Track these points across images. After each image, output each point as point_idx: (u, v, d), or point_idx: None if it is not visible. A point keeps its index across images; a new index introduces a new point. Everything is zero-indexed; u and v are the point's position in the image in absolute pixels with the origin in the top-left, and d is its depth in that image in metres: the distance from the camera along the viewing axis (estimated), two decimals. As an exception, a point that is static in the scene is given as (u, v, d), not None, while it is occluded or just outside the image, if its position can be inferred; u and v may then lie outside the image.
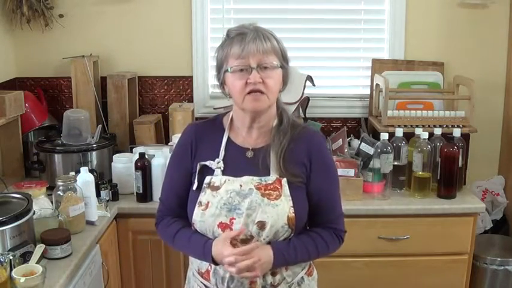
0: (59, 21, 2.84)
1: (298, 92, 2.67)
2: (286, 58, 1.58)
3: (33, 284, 1.56)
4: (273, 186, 1.51)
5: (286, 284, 1.58)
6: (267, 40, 1.51)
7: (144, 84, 2.99)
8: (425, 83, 2.87)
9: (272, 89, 1.51)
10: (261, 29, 1.54)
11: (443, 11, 2.93)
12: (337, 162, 2.38)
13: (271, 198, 1.50)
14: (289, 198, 1.51)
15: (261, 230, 1.49)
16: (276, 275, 1.55)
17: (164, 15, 2.90)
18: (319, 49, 3.02)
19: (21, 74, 2.93)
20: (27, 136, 2.72)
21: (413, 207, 2.36)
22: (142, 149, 2.49)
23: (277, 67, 1.53)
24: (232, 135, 1.61)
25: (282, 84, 1.58)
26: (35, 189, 2.19)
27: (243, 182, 1.53)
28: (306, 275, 1.64)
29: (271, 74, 1.50)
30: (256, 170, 1.54)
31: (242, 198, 1.51)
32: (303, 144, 1.57)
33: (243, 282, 1.52)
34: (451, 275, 2.42)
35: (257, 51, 1.48)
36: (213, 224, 1.51)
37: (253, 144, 1.59)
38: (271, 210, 1.49)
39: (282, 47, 1.57)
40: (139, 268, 2.41)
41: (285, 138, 1.55)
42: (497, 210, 2.87)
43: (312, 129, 1.66)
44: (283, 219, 1.49)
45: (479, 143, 2.86)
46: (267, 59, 1.50)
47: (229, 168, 1.56)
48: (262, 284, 1.53)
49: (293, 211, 1.51)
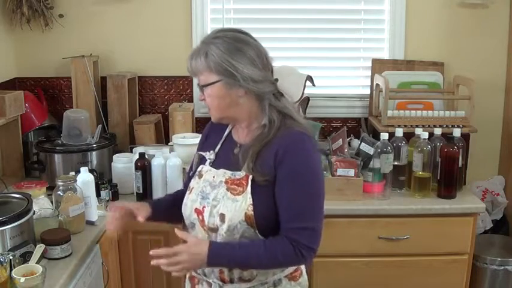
0: (58, 21, 2.84)
1: (298, 92, 2.67)
2: (224, 69, 1.49)
3: (33, 284, 1.56)
4: (239, 182, 1.53)
5: (259, 282, 1.58)
6: (196, 58, 1.52)
7: (144, 84, 2.99)
8: (425, 83, 2.87)
9: (210, 105, 1.56)
10: (205, 42, 1.53)
11: (443, 11, 2.93)
12: (337, 162, 2.39)
13: (233, 193, 1.53)
14: (249, 196, 1.51)
15: (222, 222, 1.53)
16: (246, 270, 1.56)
17: (164, 15, 2.90)
18: (319, 49, 3.02)
19: (21, 74, 2.93)
20: (27, 136, 2.72)
21: (413, 207, 2.36)
22: (142, 149, 2.49)
23: (208, 84, 1.52)
24: (233, 131, 1.67)
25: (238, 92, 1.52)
26: (35, 189, 2.19)
27: (217, 174, 1.59)
28: (287, 278, 1.61)
29: (207, 92, 1.54)
30: (234, 165, 1.58)
31: (212, 189, 1.58)
32: (276, 147, 1.51)
33: (213, 269, 1.58)
34: (451, 275, 2.41)
35: (193, 71, 1.55)
36: (191, 208, 1.61)
37: (243, 141, 1.62)
38: (230, 204, 1.52)
39: (215, 61, 1.49)
40: (139, 268, 2.40)
41: (265, 137, 1.54)
42: (497, 210, 2.87)
43: (296, 134, 1.54)
44: (241, 216, 1.50)
45: (479, 143, 2.85)
46: (200, 78, 1.55)
47: (218, 160, 1.64)
48: (230, 276, 1.57)
49: (252, 209, 1.50)
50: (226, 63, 1.49)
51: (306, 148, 1.54)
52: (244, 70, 1.50)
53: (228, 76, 1.50)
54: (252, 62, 1.52)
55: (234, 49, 1.50)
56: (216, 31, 1.56)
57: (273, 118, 1.55)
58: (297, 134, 1.54)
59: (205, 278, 1.62)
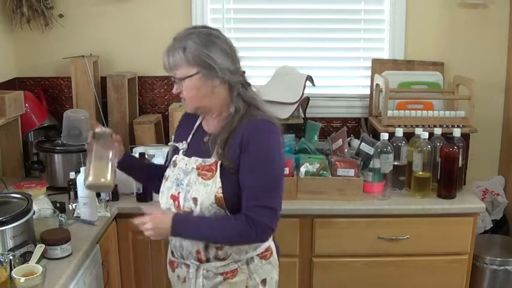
0: (59, 21, 2.84)
1: (298, 92, 2.67)
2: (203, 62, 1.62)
3: (33, 284, 1.56)
4: (209, 168, 1.67)
5: (233, 259, 1.72)
6: (173, 53, 1.63)
7: (144, 84, 2.99)
8: (425, 83, 2.87)
9: (187, 96, 1.68)
10: (177, 39, 1.65)
11: (443, 11, 2.93)
12: (337, 162, 2.39)
13: (204, 178, 1.67)
14: (218, 180, 1.64)
15: (195, 205, 1.67)
16: (219, 249, 1.70)
17: (164, 15, 2.90)
18: (319, 49, 3.02)
19: (21, 74, 2.93)
20: (27, 136, 2.72)
21: (413, 207, 2.36)
22: (142, 149, 2.49)
23: (185, 78, 1.64)
24: (204, 122, 1.80)
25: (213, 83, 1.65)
26: (35, 189, 2.20)
27: (190, 162, 1.73)
28: (258, 257, 1.76)
29: (184, 85, 1.66)
30: (204, 152, 1.71)
31: (185, 175, 1.72)
32: (241, 134, 1.64)
33: (191, 251, 1.73)
34: (451, 275, 2.42)
35: (169, 67, 1.67)
36: (167, 195, 1.75)
37: (213, 130, 1.74)
38: (202, 188, 1.66)
39: (193, 54, 1.62)
40: (139, 268, 2.41)
41: (232, 125, 1.66)
42: (497, 210, 2.87)
43: (259, 120, 1.67)
44: (211, 198, 1.64)
45: (479, 143, 2.85)
46: (175, 73, 1.66)
47: (190, 149, 1.78)
48: (206, 256, 1.72)
49: (221, 191, 1.63)
50: (203, 55, 1.61)
51: (266, 135, 1.66)
52: (220, 61, 1.63)
53: (206, 67, 1.62)
54: (226, 53, 1.65)
55: (209, 42, 1.63)
56: (188, 29, 1.68)
57: (239, 107, 1.68)
58: (260, 122, 1.67)
59: (183, 261, 1.78)
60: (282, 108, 2.63)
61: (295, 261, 2.37)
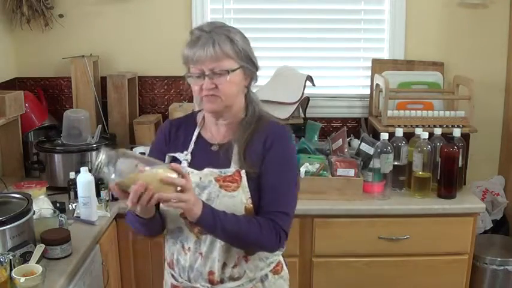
0: (59, 21, 2.84)
1: (298, 92, 2.67)
2: (246, 56, 1.55)
3: (33, 284, 1.56)
4: (232, 178, 1.54)
5: (248, 279, 1.60)
6: (219, 45, 1.48)
7: (144, 84, 2.99)
8: (425, 83, 2.87)
9: (226, 92, 1.52)
10: (217, 31, 1.51)
11: (443, 11, 2.93)
12: (337, 162, 2.39)
13: (228, 190, 1.53)
14: (247, 190, 1.53)
15: None
16: (235, 267, 1.57)
17: (164, 15, 2.90)
18: (319, 49, 3.02)
19: (21, 74, 2.93)
20: (27, 136, 2.72)
21: (413, 207, 2.36)
22: (142, 149, 2.49)
23: (230, 71, 1.51)
24: (202, 131, 1.66)
25: (246, 81, 1.58)
26: (35, 189, 2.20)
27: (203, 174, 1.56)
28: (272, 273, 1.65)
29: (224, 79, 1.50)
30: (218, 163, 1.57)
31: (202, 189, 1.55)
32: (264, 135, 1.56)
33: (202, 272, 1.57)
34: (451, 275, 2.42)
35: (208, 58, 1.48)
36: (176, 212, 1.55)
37: (221, 139, 1.62)
38: (227, 201, 1.53)
39: (240, 47, 1.52)
40: (139, 268, 2.41)
41: (247, 130, 1.57)
42: (497, 210, 2.87)
43: (275, 122, 1.62)
44: (241, 210, 1.53)
45: (479, 143, 2.85)
46: (218, 65, 1.49)
47: (195, 161, 1.60)
48: (220, 276, 1.57)
49: (251, 202, 1.53)
50: (248, 50, 1.55)
51: (289, 138, 1.63)
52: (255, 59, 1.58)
53: (248, 63, 1.55)
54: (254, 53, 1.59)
55: (245, 38, 1.57)
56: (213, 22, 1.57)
57: (253, 109, 1.61)
58: (279, 124, 1.62)
59: (190, 284, 1.61)
60: (282, 108, 2.64)
61: (295, 261, 2.37)
